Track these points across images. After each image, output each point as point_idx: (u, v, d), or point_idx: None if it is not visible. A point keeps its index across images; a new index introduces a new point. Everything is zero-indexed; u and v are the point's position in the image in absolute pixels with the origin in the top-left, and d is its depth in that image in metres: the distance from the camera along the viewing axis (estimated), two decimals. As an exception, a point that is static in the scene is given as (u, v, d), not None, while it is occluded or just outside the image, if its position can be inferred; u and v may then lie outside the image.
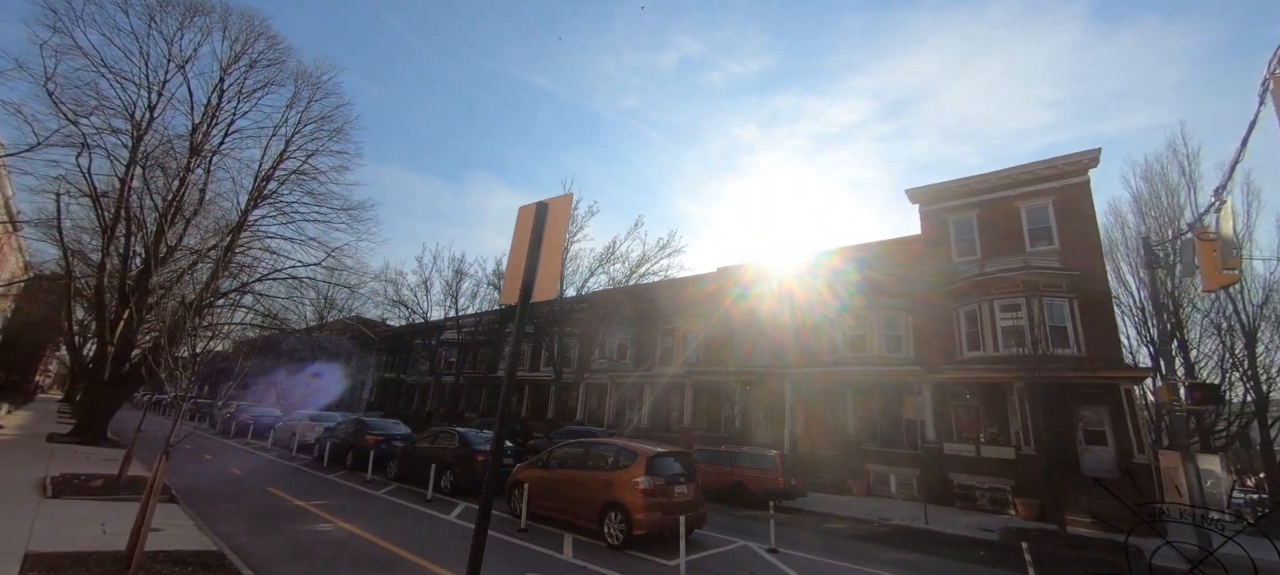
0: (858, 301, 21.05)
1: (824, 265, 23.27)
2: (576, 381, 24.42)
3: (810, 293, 22.97)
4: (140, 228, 18.88)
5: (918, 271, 20.53)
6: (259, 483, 12.05)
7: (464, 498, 11.38)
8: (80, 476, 9.53)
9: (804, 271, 23.85)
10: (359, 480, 13.16)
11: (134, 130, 17.71)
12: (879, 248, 22.35)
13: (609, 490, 7.99)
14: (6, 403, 27.18)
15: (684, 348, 26.12)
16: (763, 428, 22.16)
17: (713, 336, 25.08)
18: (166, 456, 5.57)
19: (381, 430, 15.45)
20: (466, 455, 11.76)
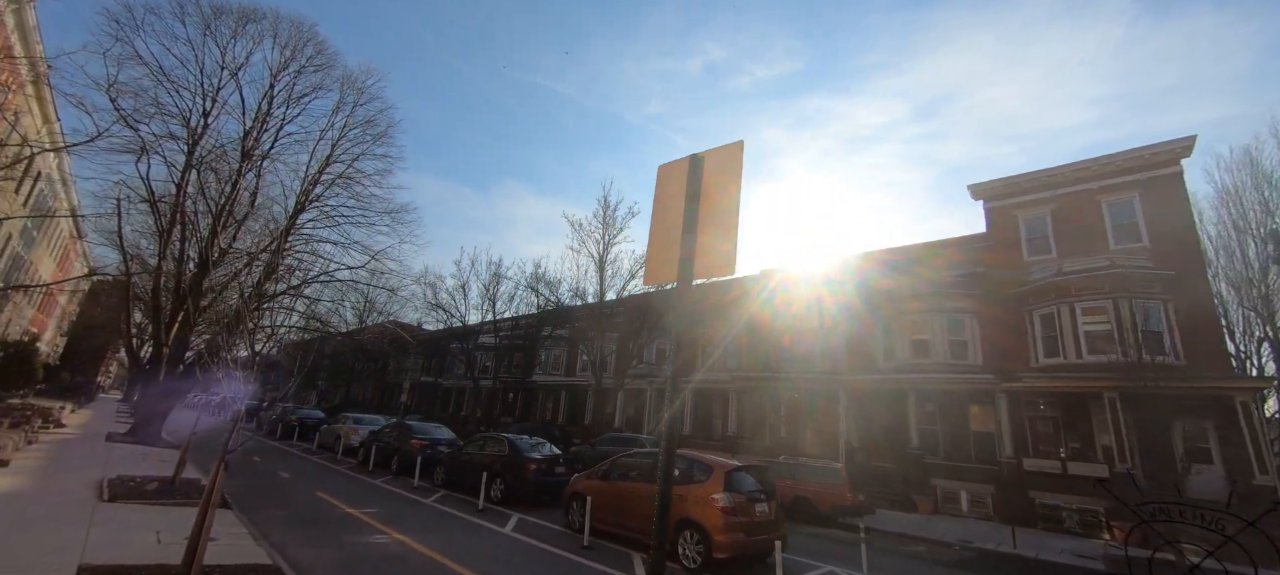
0: (916, 305, 19.76)
1: (876, 266, 22.07)
2: (615, 387, 23.81)
3: (862, 295, 21.78)
4: (195, 231, 19.25)
5: (984, 272, 19.15)
6: (308, 488, 11.79)
7: (515, 507, 10.83)
8: (135, 479, 9.37)
9: (854, 273, 22.68)
10: (406, 486, 12.80)
11: (189, 136, 18.05)
12: (937, 248, 21.01)
13: (682, 507, 7.26)
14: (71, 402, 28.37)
15: (726, 352, 25.20)
16: (813, 437, 21.04)
17: (757, 341, 24.09)
18: (224, 468, 5.12)
19: (426, 435, 15.11)
20: (517, 463, 11.21)
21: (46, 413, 18.38)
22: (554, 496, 11.44)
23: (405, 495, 11.66)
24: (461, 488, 12.39)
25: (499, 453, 11.77)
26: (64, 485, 8.77)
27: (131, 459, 12.36)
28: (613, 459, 9.26)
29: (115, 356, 59.78)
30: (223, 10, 18.72)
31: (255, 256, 19.07)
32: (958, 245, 20.46)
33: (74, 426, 19.27)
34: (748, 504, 7.20)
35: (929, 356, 19.02)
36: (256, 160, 19.47)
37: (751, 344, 24.10)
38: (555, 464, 11.33)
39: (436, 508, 10.53)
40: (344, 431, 19.06)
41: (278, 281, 20.07)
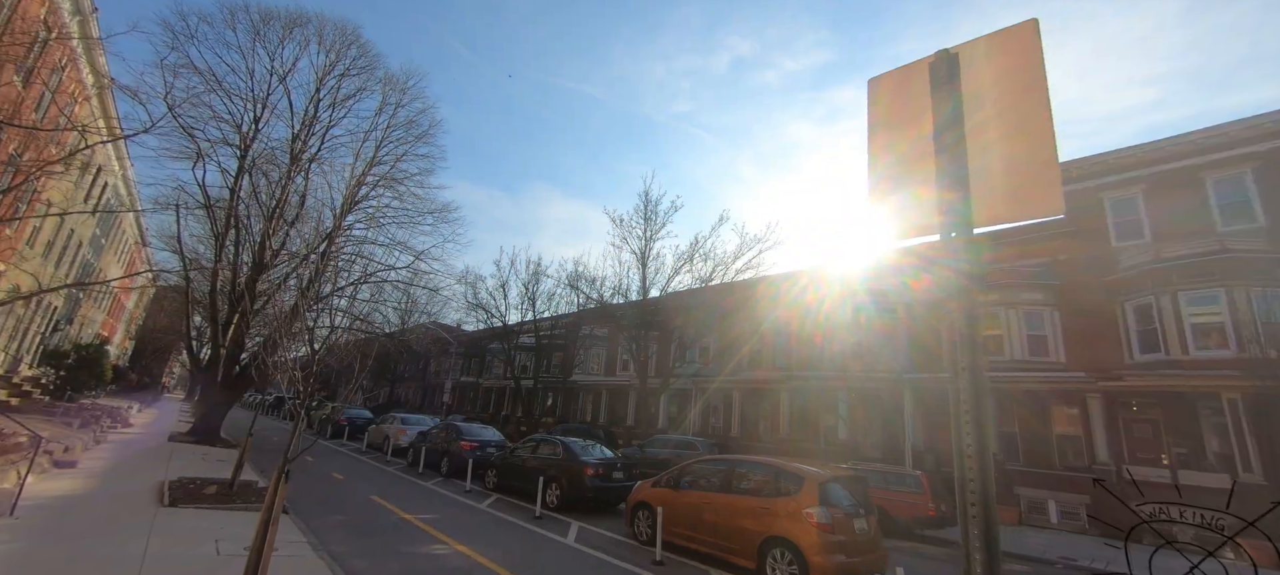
0: (987, 298, 18.26)
1: (936, 256, 20.60)
2: (661, 387, 23.13)
3: (924, 288, 20.36)
4: (247, 234, 19.60)
5: (1064, 261, 17.53)
6: (362, 490, 11.55)
7: (572, 514, 10.25)
8: (195, 482, 9.24)
9: (912, 264, 21.26)
10: (457, 489, 12.44)
11: (241, 141, 18.34)
12: (1006, 236, 19.38)
13: (770, 521, 6.49)
14: (138, 402, 29.71)
15: (774, 350, 24.14)
16: (875, 439, 19.80)
17: (809, 337, 22.94)
18: (286, 478, 4.66)
19: (474, 436, 14.78)
20: (573, 468, 10.64)
21: (115, 413, 19.04)
22: (611, 503, 10.84)
23: (458, 499, 11.27)
24: (514, 492, 11.93)
25: (553, 456, 11.24)
26: (126, 487, 8.70)
27: (192, 459, 12.44)
28: (682, 465, 8.54)
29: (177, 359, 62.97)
30: (270, 16, 18.94)
31: (305, 258, 19.27)
32: (1031, 233, 18.82)
33: (140, 426, 19.93)
34: (846, 520, 6.36)
35: (1004, 354, 17.53)
36: (304, 164, 19.66)
37: (803, 341, 22.97)
38: (612, 469, 10.71)
39: (492, 514, 10.06)
40: (392, 432, 19.04)
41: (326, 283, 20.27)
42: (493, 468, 12.66)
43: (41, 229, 17.73)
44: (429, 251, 20.72)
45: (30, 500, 6.86)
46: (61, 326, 24.53)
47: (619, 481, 10.73)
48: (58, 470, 9.30)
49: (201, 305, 25.93)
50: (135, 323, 50.39)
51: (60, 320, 24.09)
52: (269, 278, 19.47)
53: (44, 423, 12.51)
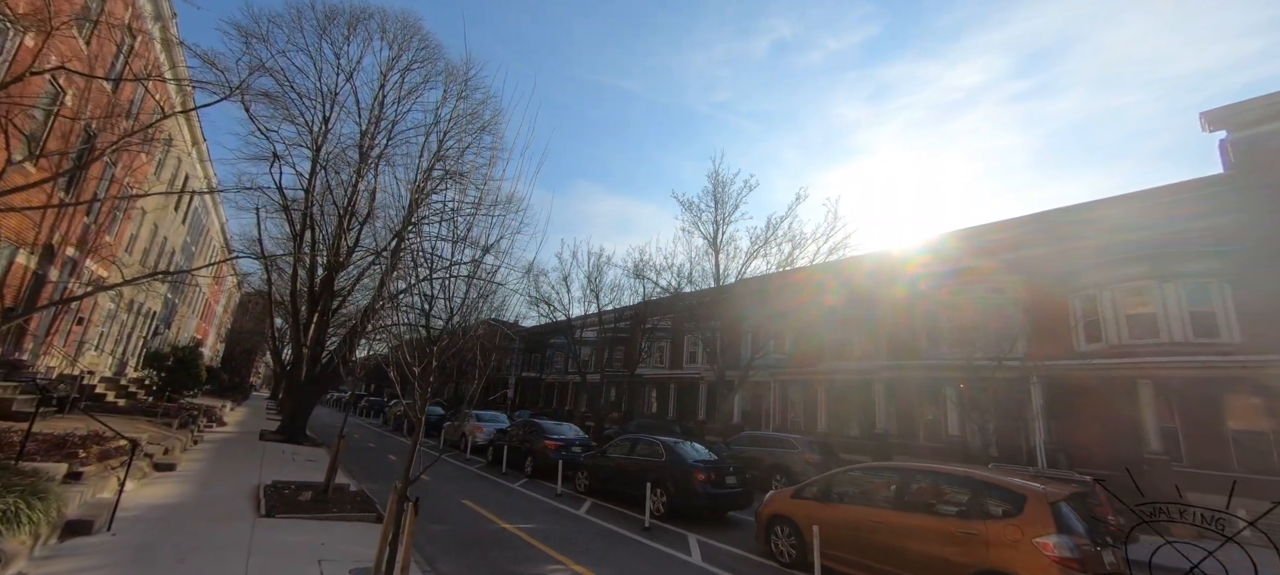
0: (1130, 272, 15.63)
1: (1049, 230, 18.02)
2: (741, 380, 21.66)
3: (1043, 265, 17.87)
4: (322, 234, 19.72)
5: (1232, 224, 14.67)
6: (451, 493, 10.89)
7: (682, 524, 9.09)
8: (289, 487, 8.75)
9: (1021, 239, 18.74)
10: (546, 492, 11.60)
11: (313, 141, 18.31)
12: (1145, 199, 16.56)
13: (982, 552, 5.03)
14: (230, 400, 31.36)
15: (865, 338, 22.13)
16: (992, 435, 17.53)
17: (903, 323, 20.81)
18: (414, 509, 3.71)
19: (558, 435, 13.96)
20: (680, 472, 9.47)
21: (211, 411, 19.68)
22: (720, 512, 9.61)
23: (552, 505, 10.38)
24: (609, 496, 10.94)
25: (653, 458, 10.12)
26: (222, 491, 8.28)
27: (282, 460, 12.24)
28: (830, 475, 7.17)
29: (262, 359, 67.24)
30: (335, 13, 18.80)
31: (377, 255, 19.16)
32: (1179, 193, 15.96)
33: (233, 424, 20.56)
34: (1094, 555, 4.80)
35: (1156, 335, 14.90)
36: (373, 160, 19.48)
37: (898, 326, 20.85)
38: (724, 473, 9.46)
39: (595, 523, 9.06)
40: (468, 429, 18.65)
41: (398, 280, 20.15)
42: (583, 469, 11.73)
43: (138, 237, 18.43)
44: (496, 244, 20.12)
45: (129, 510, 6.40)
46: (160, 331, 25.95)
47: (732, 488, 9.48)
48: (158, 474, 9.06)
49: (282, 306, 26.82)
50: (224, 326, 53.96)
51: (159, 325, 25.47)
52: (345, 275, 19.54)
53: (147, 424, 12.67)
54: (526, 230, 22.13)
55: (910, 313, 20.85)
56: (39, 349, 13.30)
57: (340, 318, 25.66)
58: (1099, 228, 17.09)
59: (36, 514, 4.59)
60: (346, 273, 22.32)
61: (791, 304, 22.83)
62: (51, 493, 4.97)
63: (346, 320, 25.13)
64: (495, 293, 28.57)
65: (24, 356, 12.47)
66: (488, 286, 26.21)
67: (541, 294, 30.57)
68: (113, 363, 19.60)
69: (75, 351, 15.67)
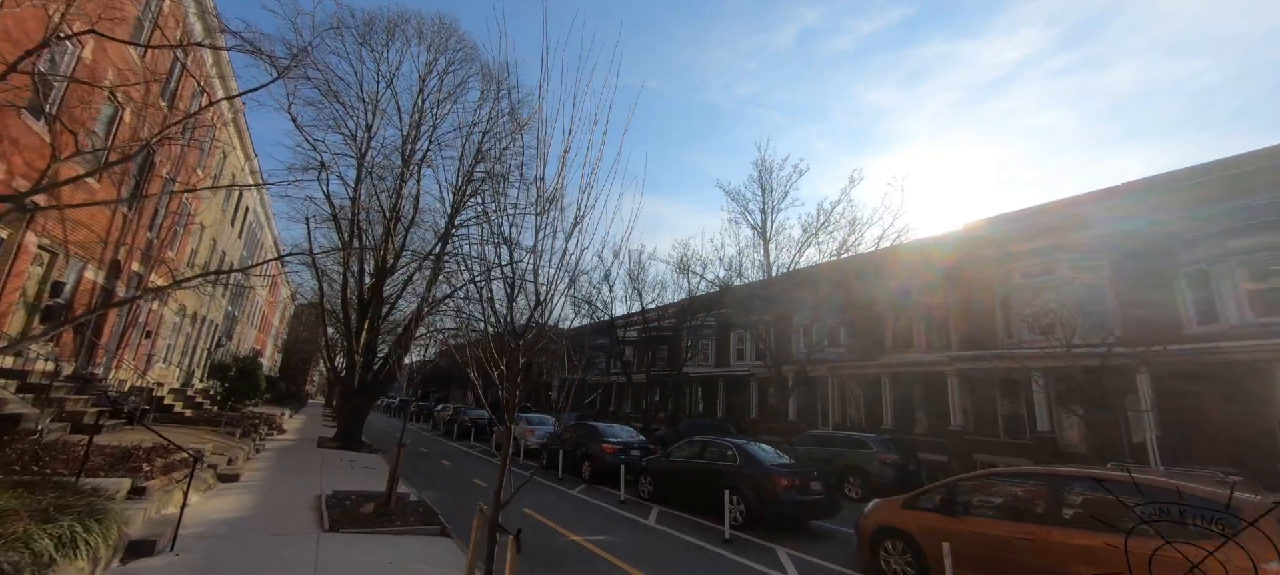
0: (1259, 242, 13.73)
1: (1149, 202, 16.13)
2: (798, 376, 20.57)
3: (1139, 240, 16.04)
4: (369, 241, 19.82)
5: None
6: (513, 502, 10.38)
7: (768, 535, 8.25)
8: (350, 497, 8.41)
9: (1110, 213, 16.89)
10: (607, 498, 10.98)
11: (357, 149, 18.37)
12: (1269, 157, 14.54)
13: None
14: (288, 408, 32.41)
15: (932, 328, 20.63)
16: (1086, 432, 15.87)
17: (975, 310, 19.23)
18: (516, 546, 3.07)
19: (615, 437, 13.33)
20: (758, 478, 8.64)
21: (271, 420, 20.09)
22: (806, 522, 8.72)
23: (619, 514, 9.73)
24: (677, 502, 10.20)
25: (725, 462, 9.31)
26: (285, 503, 8.00)
27: (341, 467, 12.09)
28: (953, 482, 6.20)
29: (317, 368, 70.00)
30: (373, 21, 18.83)
31: (423, 260, 19.09)
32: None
33: (292, 431, 20.96)
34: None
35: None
36: (415, 166, 19.41)
37: (971, 314, 19.29)
38: (808, 478, 8.55)
39: (668, 533, 8.34)
40: (520, 432, 18.30)
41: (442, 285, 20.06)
42: (645, 474, 11.04)
43: (198, 251, 18.95)
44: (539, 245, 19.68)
45: (192, 527, 6.10)
46: (222, 343, 26.91)
47: (816, 495, 8.56)
48: (222, 485, 8.91)
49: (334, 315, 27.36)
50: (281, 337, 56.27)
51: (221, 337, 26.41)
52: (392, 282, 19.58)
53: (211, 434, 12.78)
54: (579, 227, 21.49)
55: (983, 299, 19.24)
56: (111, 363, 13.65)
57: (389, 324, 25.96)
58: (1207, 194, 15.18)
59: (95, 537, 4.22)
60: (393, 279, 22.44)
61: (849, 294, 21.54)
62: (111, 513, 4.61)
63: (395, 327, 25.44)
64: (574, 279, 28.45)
65: (98, 370, 12.79)
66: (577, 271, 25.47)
67: (582, 294, 30.21)
68: (180, 375, 20.29)
69: (144, 365, 16.15)
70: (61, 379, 10.49)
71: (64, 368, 10.89)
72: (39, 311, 9.84)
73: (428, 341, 23.69)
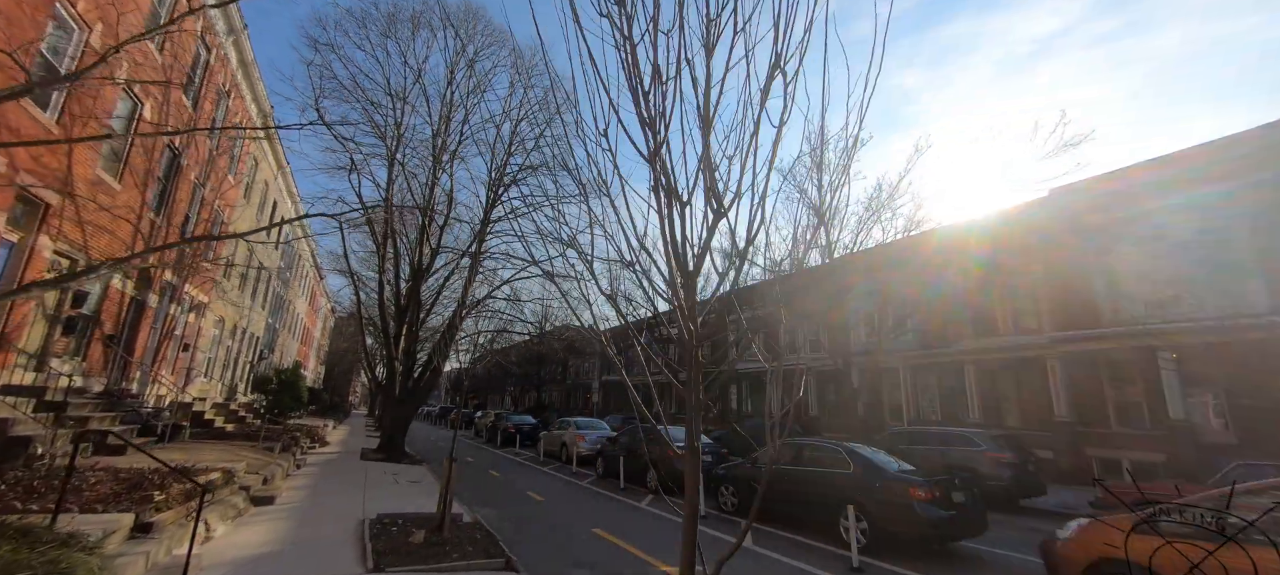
0: None
1: None
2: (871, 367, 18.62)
3: None
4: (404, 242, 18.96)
5: None
6: (573, 519, 9.05)
7: (900, 560, 6.62)
8: (397, 523, 7.20)
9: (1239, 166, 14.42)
10: (683, 513, 9.56)
11: (388, 148, 17.48)
12: None
13: None
14: (331, 420, 32.23)
15: (1018, 308, 18.41)
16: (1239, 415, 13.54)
17: (1072, 286, 16.94)
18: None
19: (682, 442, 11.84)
20: (886, 490, 6.99)
21: (314, 432, 19.46)
22: (945, 541, 7.03)
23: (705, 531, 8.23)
24: (769, 518, 8.65)
25: (837, 469, 7.70)
26: (325, 532, 6.83)
27: (384, 482, 11.01)
28: (1218, 496, 4.50)
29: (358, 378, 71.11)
30: (398, 12, 17.94)
31: (460, 259, 18.09)
32: None
33: (335, 443, 20.30)
34: None
35: None
36: (446, 162, 18.40)
37: (1063, 292, 17.01)
38: (949, 489, 6.86)
39: (782, 562, 6.79)
40: (569, 439, 17.05)
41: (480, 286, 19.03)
42: (728, 484, 9.52)
43: (235, 260, 18.45)
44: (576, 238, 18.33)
45: (210, 572, 4.93)
46: (265, 355, 26.72)
47: (963, 508, 6.85)
48: (255, 509, 7.85)
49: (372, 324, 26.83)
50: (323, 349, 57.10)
51: (263, 350, 26.20)
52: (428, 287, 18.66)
53: (250, 449, 11.93)
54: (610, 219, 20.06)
55: (1079, 271, 16.92)
56: (146, 378, 13.01)
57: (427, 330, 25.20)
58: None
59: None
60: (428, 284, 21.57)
61: (918, 276, 19.46)
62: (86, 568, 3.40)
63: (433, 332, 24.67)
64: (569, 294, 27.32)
65: (131, 386, 12.12)
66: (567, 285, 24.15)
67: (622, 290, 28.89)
68: (222, 389, 19.90)
69: (184, 379, 15.59)
70: (90, 396, 9.73)
71: (93, 385, 10.14)
72: (60, 323, 9.04)
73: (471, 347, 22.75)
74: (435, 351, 17.95)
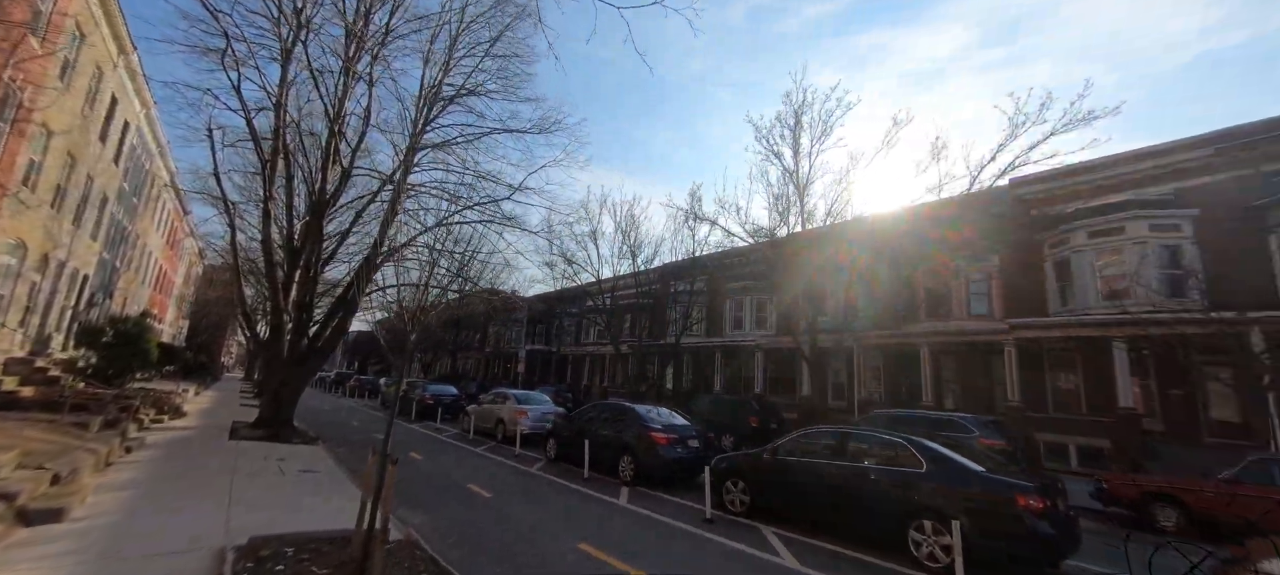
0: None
1: (1234, 155, 14.33)
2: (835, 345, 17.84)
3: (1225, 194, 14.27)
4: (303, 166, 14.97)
5: None
6: (542, 525, 6.80)
7: None
8: (284, 554, 4.52)
9: (1185, 167, 15.06)
10: (675, 511, 7.65)
11: (283, 37, 13.41)
12: None
13: None
14: (195, 383, 26.51)
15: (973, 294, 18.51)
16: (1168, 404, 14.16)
17: (1027, 275, 17.18)
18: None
19: (664, 424, 9.89)
20: (972, 498, 5.49)
21: (163, 400, 15.11)
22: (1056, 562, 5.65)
23: (724, 544, 6.41)
24: (794, 521, 6.99)
25: (905, 469, 6.09)
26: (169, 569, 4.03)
27: (263, 472, 7.98)
28: None
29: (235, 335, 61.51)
30: None
31: (382, 185, 14.54)
32: None
33: (195, 415, 16.04)
34: None
35: None
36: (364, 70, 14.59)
37: (1020, 279, 17.16)
38: (1053, 495, 5.47)
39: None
40: (506, 414, 14.50)
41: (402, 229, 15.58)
42: (736, 477, 7.73)
43: (43, 166, 13.41)
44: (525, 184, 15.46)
45: None
46: (98, 301, 20.86)
47: (1066, 519, 5.50)
48: (21, 536, 4.74)
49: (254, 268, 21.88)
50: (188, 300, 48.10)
51: (95, 293, 20.38)
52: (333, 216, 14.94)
53: (41, 427, 8.20)
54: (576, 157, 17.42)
55: (1034, 261, 17.20)
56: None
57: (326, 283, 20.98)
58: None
59: None
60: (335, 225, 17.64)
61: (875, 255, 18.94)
62: None
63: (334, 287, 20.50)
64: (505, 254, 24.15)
65: None
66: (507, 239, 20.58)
67: (563, 251, 26.18)
68: (24, 339, 14.74)
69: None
70: None
71: None
72: None
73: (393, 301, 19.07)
74: (340, 304, 14.37)
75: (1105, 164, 16.61)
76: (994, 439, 10.85)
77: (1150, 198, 15.69)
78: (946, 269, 18.61)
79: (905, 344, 19.21)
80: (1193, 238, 14.79)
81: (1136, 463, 13.01)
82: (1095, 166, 16.66)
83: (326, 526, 5.42)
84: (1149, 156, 16.16)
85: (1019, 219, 17.51)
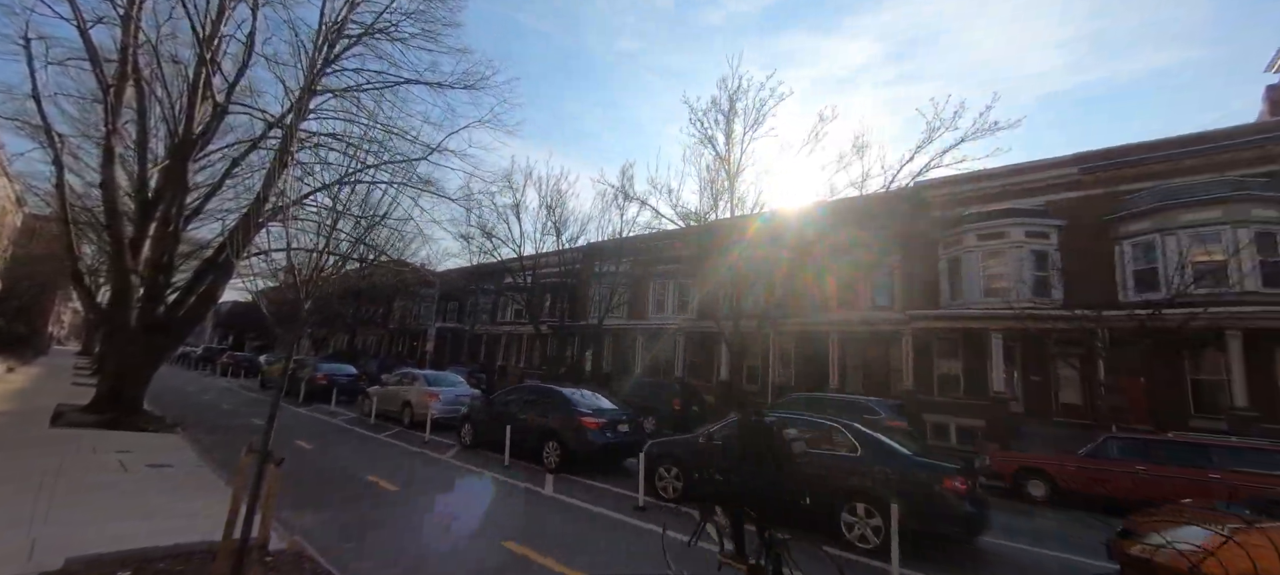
0: (1201, 216, 14.45)
1: (1094, 175, 16.53)
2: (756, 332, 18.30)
3: (1085, 209, 16.42)
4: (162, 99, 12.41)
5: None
6: (462, 519, 6.10)
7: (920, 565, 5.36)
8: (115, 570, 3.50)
9: (1052, 182, 17.15)
10: (604, 499, 7.27)
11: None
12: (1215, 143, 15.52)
13: None
14: (11, 358, 21.65)
15: (876, 286, 19.89)
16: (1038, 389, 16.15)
17: (923, 270, 18.76)
18: None
19: (591, 408, 9.40)
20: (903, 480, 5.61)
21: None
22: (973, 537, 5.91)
23: (643, 527, 6.11)
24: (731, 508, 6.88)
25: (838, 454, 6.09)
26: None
27: (100, 471, 6.43)
28: None
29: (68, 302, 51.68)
30: None
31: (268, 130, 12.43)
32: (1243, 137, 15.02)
33: (11, 394, 12.99)
34: None
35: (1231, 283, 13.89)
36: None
37: (918, 274, 18.69)
38: (972, 475, 5.69)
39: None
40: (415, 398, 13.23)
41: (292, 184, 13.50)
42: (669, 463, 7.48)
43: None
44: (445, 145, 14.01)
45: None
46: None
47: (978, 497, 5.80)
48: None
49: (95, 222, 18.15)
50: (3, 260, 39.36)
51: None
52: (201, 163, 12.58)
53: None
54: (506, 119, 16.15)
55: (929, 258, 18.84)
56: None
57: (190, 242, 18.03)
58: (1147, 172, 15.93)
59: None
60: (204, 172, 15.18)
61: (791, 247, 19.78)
62: None
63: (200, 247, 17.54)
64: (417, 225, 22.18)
65: None
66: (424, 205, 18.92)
67: (483, 223, 24.55)
68: None
69: None
70: None
71: None
72: None
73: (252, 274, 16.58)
74: (209, 267, 12.13)
75: (993, 175, 18.48)
76: (898, 421, 11.65)
77: (1026, 208, 17.70)
78: (858, 263, 19.86)
79: (816, 331, 20.30)
80: (1057, 245, 16.91)
81: (1005, 441, 14.76)
82: (983, 176, 18.50)
83: (181, 539, 4.35)
84: (1027, 171, 18.20)
85: (920, 220, 19.03)
